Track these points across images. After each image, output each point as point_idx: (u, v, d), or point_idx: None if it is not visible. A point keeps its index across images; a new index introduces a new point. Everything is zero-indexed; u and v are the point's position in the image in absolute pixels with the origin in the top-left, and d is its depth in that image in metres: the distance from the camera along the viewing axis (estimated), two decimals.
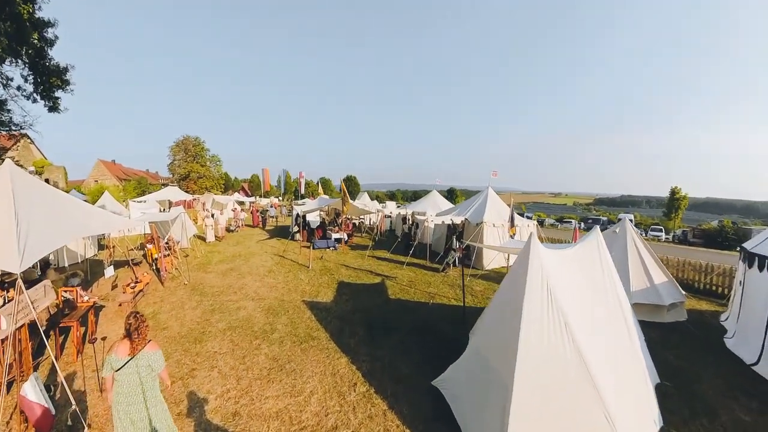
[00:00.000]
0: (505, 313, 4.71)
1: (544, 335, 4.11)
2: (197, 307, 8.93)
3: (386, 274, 12.97)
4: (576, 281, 4.88)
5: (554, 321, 4.15)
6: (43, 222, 7.11)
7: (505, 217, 15.84)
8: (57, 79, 14.53)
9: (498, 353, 4.59)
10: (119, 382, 3.62)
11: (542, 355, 4.07)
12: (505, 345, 4.32)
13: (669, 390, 5.66)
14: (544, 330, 4.12)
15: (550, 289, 4.30)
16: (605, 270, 5.33)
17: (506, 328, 4.45)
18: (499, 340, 4.64)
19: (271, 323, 8.01)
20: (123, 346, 3.68)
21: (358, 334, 7.68)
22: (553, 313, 4.18)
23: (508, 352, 4.19)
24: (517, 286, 4.49)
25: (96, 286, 10.81)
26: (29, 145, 47.25)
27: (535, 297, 4.25)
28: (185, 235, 15.98)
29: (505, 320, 4.62)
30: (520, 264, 4.73)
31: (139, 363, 3.65)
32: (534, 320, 4.15)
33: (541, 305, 4.21)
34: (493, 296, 6.67)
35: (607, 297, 5.12)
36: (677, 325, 8.75)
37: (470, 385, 5.02)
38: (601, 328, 4.66)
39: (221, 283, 11.18)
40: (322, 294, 10.35)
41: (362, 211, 20.07)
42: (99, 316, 8.59)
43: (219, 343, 6.95)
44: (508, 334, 4.33)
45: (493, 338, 4.91)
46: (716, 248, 28.83)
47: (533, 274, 4.37)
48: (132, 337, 3.68)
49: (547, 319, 4.16)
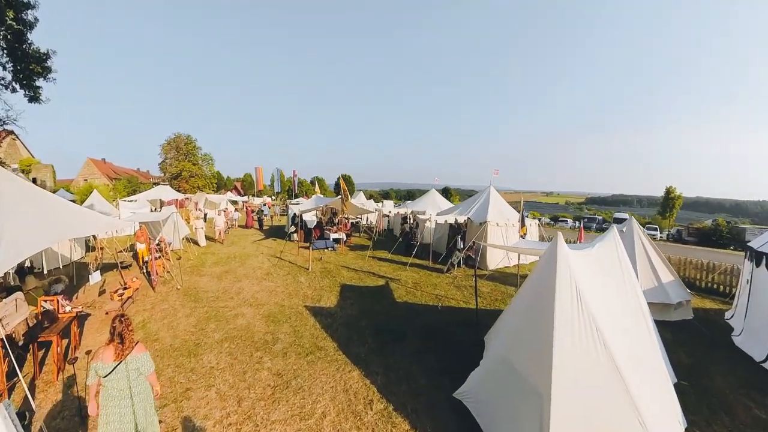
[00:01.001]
0: (533, 318, 4.57)
1: (576, 341, 3.98)
2: (191, 315, 8.27)
3: (389, 276, 12.41)
4: (600, 283, 4.73)
5: (585, 326, 4.03)
6: (20, 224, 6.44)
7: (507, 216, 15.47)
8: (37, 66, 13.54)
9: (529, 361, 4.39)
10: (107, 389, 3.48)
11: (577, 362, 3.94)
12: (537, 352, 4.18)
13: (686, 389, 5.65)
14: (576, 335, 4.00)
15: (580, 293, 4.15)
16: (625, 271, 5.26)
17: (536, 334, 4.32)
18: (529, 348, 4.47)
19: (273, 332, 7.39)
20: (108, 351, 3.54)
21: (368, 343, 7.12)
22: (583, 317, 4.05)
23: (541, 360, 4.04)
24: (545, 291, 4.34)
25: (82, 292, 10.08)
26: (15, 143, 45.92)
27: (566, 302, 4.10)
28: (177, 236, 15.23)
29: (533, 326, 4.48)
30: (546, 266, 4.57)
31: (128, 367, 3.53)
32: (566, 326, 4.01)
33: (572, 310, 4.08)
34: (513, 300, 6.27)
35: (629, 299, 5.03)
36: (684, 323, 8.76)
37: (498, 395, 4.72)
38: (626, 331, 4.57)
39: (216, 287, 10.51)
40: (325, 298, 9.75)
41: (361, 210, 19.49)
42: (84, 326, 7.92)
43: (216, 357, 6.31)
44: (538, 341, 4.19)
45: (521, 345, 4.70)
46: (711, 247, 28.97)
47: (562, 277, 4.21)
48: (117, 341, 3.56)
49: (579, 325, 4.03)
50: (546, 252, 5.00)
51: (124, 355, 3.54)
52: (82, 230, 8.51)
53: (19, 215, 6.59)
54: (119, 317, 3.69)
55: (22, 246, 6.05)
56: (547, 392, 3.84)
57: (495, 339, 6.24)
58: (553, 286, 4.18)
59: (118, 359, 3.51)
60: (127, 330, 3.63)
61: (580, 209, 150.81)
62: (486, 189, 16.61)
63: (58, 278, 9.59)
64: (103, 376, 3.46)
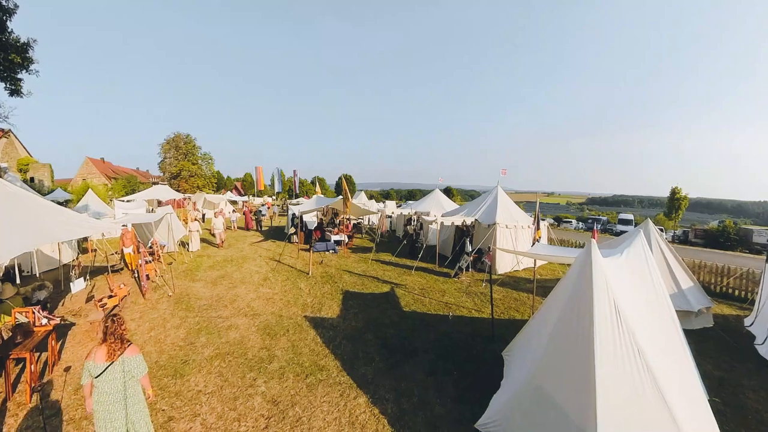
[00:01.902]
0: (567, 339, 4.07)
1: (618, 365, 3.58)
2: (180, 326, 7.58)
3: (394, 282, 11.72)
4: (633, 296, 4.31)
5: (626, 347, 3.64)
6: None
7: (516, 218, 14.82)
8: (17, 56, 12.72)
9: (567, 391, 3.90)
10: (99, 389, 3.41)
11: (621, 391, 3.53)
12: (576, 381, 3.74)
13: (719, 406, 5.29)
14: (618, 359, 3.60)
15: (619, 310, 3.76)
16: (655, 281, 4.83)
17: (573, 358, 3.87)
18: (566, 375, 3.97)
19: (269, 348, 6.68)
20: (101, 351, 3.48)
21: (375, 361, 6.41)
22: (624, 338, 3.66)
23: (581, 391, 3.61)
24: (580, 307, 3.93)
25: (69, 299, 9.42)
26: (14, 142, 45.36)
27: (605, 321, 3.70)
28: (172, 238, 14.54)
29: (569, 349, 3.99)
30: (580, 279, 4.16)
31: (119, 369, 3.45)
32: (607, 349, 3.60)
33: (612, 330, 3.68)
34: (537, 314, 5.79)
35: (662, 311, 4.56)
36: (706, 331, 8.31)
37: (528, 428, 4.23)
38: (664, 349, 4.12)
39: (210, 293, 9.81)
40: (326, 307, 9.05)
41: (364, 211, 18.81)
42: (67, 336, 7.26)
43: (204, 378, 5.60)
44: (577, 367, 3.75)
45: (556, 371, 4.19)
46: (719, 248, 28.31)
47: (600, 293, 3.81)
48: (109, 341, 3.50)
49: (619, 347, 3.63)
50: (578, 262, 4.52)
51: (116, 356, 3.46)
52: (64, 234, 7.86)
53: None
54: (112, 316, 3.63)
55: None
56: (592, 426, 3.39)
57: (519, 358, 5.68)
58: (590, 303, 3.76)
59: (110, 360, 3.43)
60: (119, 330, 3.57)
61: (581, 209, 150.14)
62: (493, 189, 15.91)
63: (42, 284, 8.92)
64: (95, 376, 3.39)
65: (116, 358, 3.45)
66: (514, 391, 4.77)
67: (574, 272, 4.51)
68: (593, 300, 3.76)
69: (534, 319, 6.00)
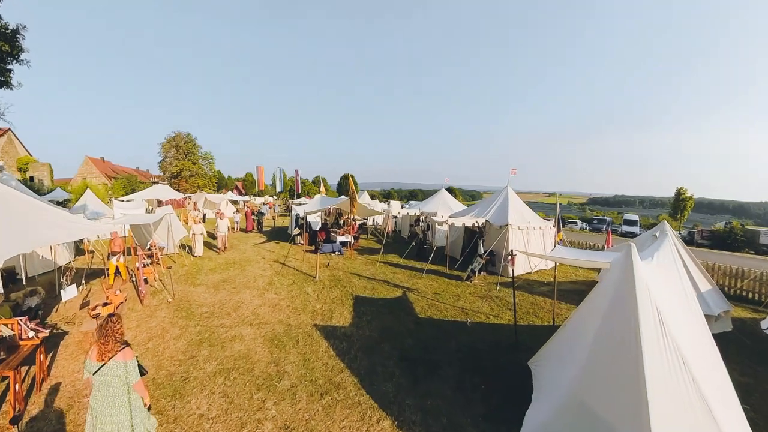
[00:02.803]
0: (610, 349, 3.85)
1: (666, 376, 3.36)
2: (181, 337, 6.99)
3: (405, 285, 11.13)
4: (670, 302, 4.09)
5: (672, 359, 3.43)
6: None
7: (528, 219, 14.29)
8: (5, 44, 11.77)
9: (612, 403, 3.63)
10: (95, 387, 3.33)
11: (670, 400, 3.30)
12: (623, 393, 3.49)
13: (749, 414, 4.85)
14: (665, 369, 3.38)
15: (662, 319, 3.58)
16: (686, 286, 4.71)
17: (618, 370, 3.64)
18: (611, 386, 3.71)
19: (278, 362, 6.06)
20: (95, 350, 3.38)
21: (396, 376, 5.82)
22: (669, 349, 3.47)
23: (629, 402, 3.35)
24: (623, 316, 3.73)
25: (63, 305, 8.83)
26: (14, 141, 44.86)
27: (650, 330, 3.50)
28: (172, 239, 13.95)
29: (614, 360, 3.75)
30: (621, 285, 3.96)
31: (110, 372, 3.31)
32: (656, 362, 3.37)
33: (658, 342, 3.48)
34: (568, 322, 5.50)
35: (696, 318, 4.36)
36: (725, 336, 8.09)
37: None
38: (702, 356, 3.91)
39: (212, 299, 9.22)
40: (337, 314, 8.44)
41: (370, 211, 18.21)
42: (59, 347, 6.70)
43: (207, 399, 5.00)
44: (623, 378, 3.52)
45: (598, 383, 3.91)
46: (725, 250, 27.88)
47: (644, 302, 3.62)
48: (101, 341, 3.37)
49: (666, 359, 3.42)
50: (617, 268, 4.29)
51: (107, 358, 3.32)
52: (53, 237, 7.29)
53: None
54: (110, 316, 3.53)
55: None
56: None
57: (551, 369, 5.27)
58: (635, 312, 3.56)
59: (100, 360, 3.32)
60: (112, 331, 3.40)
61: (582, 210, 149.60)
62: (503, 189, 15.36)
63: (34, 290, 8.34)
64: (92, 373, 3.31)
65: (107, 359, 3.31)
66: (553, 407, 4.39)
67: (614, 279, 4.25)
68: (638, 309, 3.55)
69: (566, 327, 5.59)
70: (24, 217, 6.92)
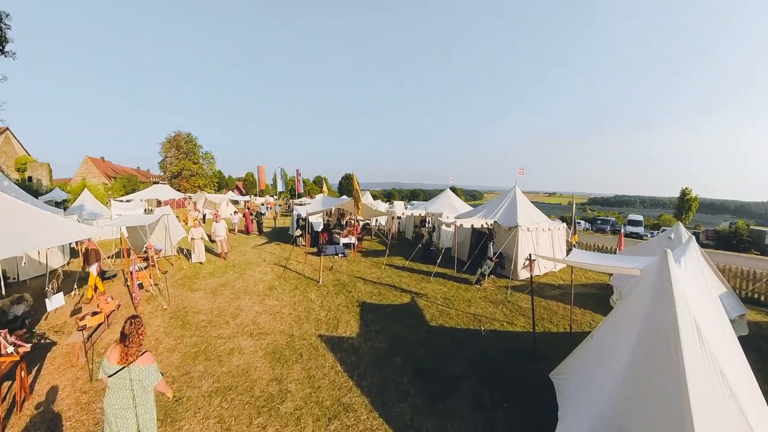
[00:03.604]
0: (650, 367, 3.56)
1: (709, 394, 3.13)
2: (175, 349, 6.45)
3: (413, 290, 10.59)
4: (703, 311, 3.82)
5: (711, 373, 3.21)
6: None
7: (537, 220, 13.77)
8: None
9: (654, 427, 3.32)
10: (111, 389, 3.29)
11: (714, 422, 3.05)
12: (665, 416, 3.21)
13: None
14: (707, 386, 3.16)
15: (700, 331, 3.36)
16: (712, 291, 4.60)
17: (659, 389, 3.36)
18: (652, 408, 3.39)
19: (280, 379, 5.51)
20: (115, 352, 3.37)
21: (410, 394, 5.28)
22: (708, 362, 3.25)
23: (673, 427, 3.08)
24: (661, 330, 3.48)
25: (54, 312, 8.29)
26: (11, 140, 44.42)
27: (691, 346, 3.27)
28: (169, 240, 13.38)
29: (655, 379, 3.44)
30: (658, 298, 3.70)
31: (127, 376, 3.29)
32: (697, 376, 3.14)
33: (699, 356, 3.25)
34: (595, 335, 5.11)
35: (724, 325, 4.16)
36: (743, 340, 8.05)
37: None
38: (734, 367, 3.65)
39: (210, 306, 8.68)
40: (343, 323, 7.89)
41: (375, 212, 17.67)
42: (46, 358, 6.21)
43: (201, 425, 4.44)
44: (665, 399, 3.28)
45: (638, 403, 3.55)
46: (731, 250, 27.18)
47: (683, 316, 3.39)
48: (125, 344, 3.36)
49: (706, 373, 3.20)
50: (651, 276, 4.02)
51: (128, 362, 3.32)
52: (37, 243, 6.77)
53: None
54: (131, 318, 3.50)
55: None
56: None
57: (579, 385, 4.84)
58: (676, 329, 3.32)
59: (121, 363, 3.31)
60: (135, 334, 3.41)
61: (583, 210, 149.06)
62: (511, 190, 14.86)
63: (21, 297, 7.80)
64: (109, 375, 3.29)
65: (128, 363, 3.30)
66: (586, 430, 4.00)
67: (648, 288, 3.98)
68: (678, 324, 3.32)
69: (593, 339, 5.17)
70: (11, 220, 6.41)
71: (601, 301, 10.42)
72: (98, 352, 6.43)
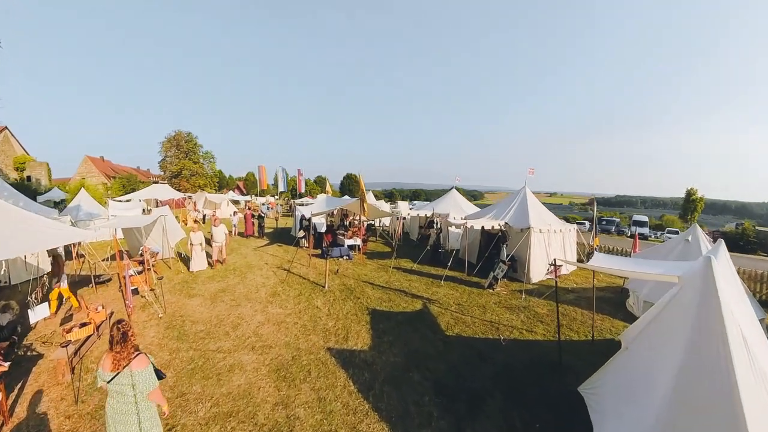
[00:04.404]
0: (699, 386, 3.27)
1: (762, 409, 2.94)
2: (170, 365, 5.84)
3: (424, 296, 9.99)
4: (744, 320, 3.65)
5: (758, 384, 3.06)
6: None
7: (548, 221, 13.20)
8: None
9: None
10: (110, 396, 3.22)
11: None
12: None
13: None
14: (760, 402, 2.97)
15: (747, 343, 3.22)
16: (743, 296, 4.44)
17: (710, 410, 3.09)
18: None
19: (286, 403, 4.89)
20: (107, 359, 3.25)
21: (434, 416, 4.69)
22: (754, 372, 3.10)
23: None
24: (712, 348, 3.22)
25: (43, 321, 7.70)
26: (10, 140, 43.90)
27: (743, 361, 3.06)
28: (167, 241, 12.77)
29: (705, 399, 3.18)
30: (704, 309, 3.46)
31: (126, 381, 3.16)
32: (750, 394, 2.91)
33: (747, 368, 3.07)
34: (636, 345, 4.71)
35: (758, 329, 3.99)
36: None
37: None
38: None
39: (208, 315, 8.06)
40: (354, 333, 7.27)
41: (381, 213, 17.08)
42: (32, 372, 5.67)
43: None
44: (717, 421, 3.01)
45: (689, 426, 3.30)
46: (737, 252, 26.61)
47: (731, 326, 3.20)
48: (115, 350, 3.23)
49: (754, 385, 3.02)
50: (693, 285, 3.77)
51: (121, 366, 3.17)
52: (21, 248, 6.21)
53: None
54: (117, 323, 3.34)
55: None
56: None
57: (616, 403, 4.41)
58: (725, 340, 3.13)
59: (115, 369, 3.16)
60: (123, 340, 3.25)
61: (584, 210, 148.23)
62: (521, 190, 14.32)
63: (6, 305, 7.19)
64: (107, 382, 3.16)
65: (121, 368, 3.16)
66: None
67: (690, 299, 3.75)
68: (727, 335, 3.13)
69: (630, 353, 4.80)
70: None
71: (617, 306, 9.87)
72: (87, 368, 5.84)
